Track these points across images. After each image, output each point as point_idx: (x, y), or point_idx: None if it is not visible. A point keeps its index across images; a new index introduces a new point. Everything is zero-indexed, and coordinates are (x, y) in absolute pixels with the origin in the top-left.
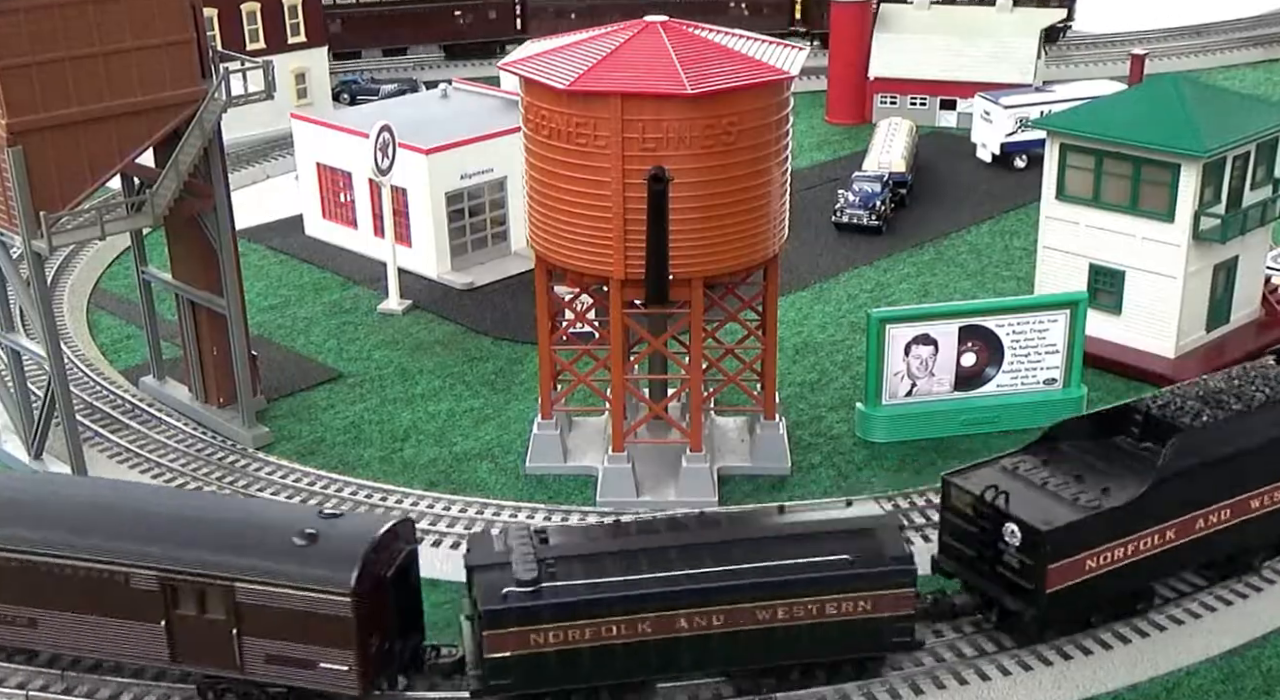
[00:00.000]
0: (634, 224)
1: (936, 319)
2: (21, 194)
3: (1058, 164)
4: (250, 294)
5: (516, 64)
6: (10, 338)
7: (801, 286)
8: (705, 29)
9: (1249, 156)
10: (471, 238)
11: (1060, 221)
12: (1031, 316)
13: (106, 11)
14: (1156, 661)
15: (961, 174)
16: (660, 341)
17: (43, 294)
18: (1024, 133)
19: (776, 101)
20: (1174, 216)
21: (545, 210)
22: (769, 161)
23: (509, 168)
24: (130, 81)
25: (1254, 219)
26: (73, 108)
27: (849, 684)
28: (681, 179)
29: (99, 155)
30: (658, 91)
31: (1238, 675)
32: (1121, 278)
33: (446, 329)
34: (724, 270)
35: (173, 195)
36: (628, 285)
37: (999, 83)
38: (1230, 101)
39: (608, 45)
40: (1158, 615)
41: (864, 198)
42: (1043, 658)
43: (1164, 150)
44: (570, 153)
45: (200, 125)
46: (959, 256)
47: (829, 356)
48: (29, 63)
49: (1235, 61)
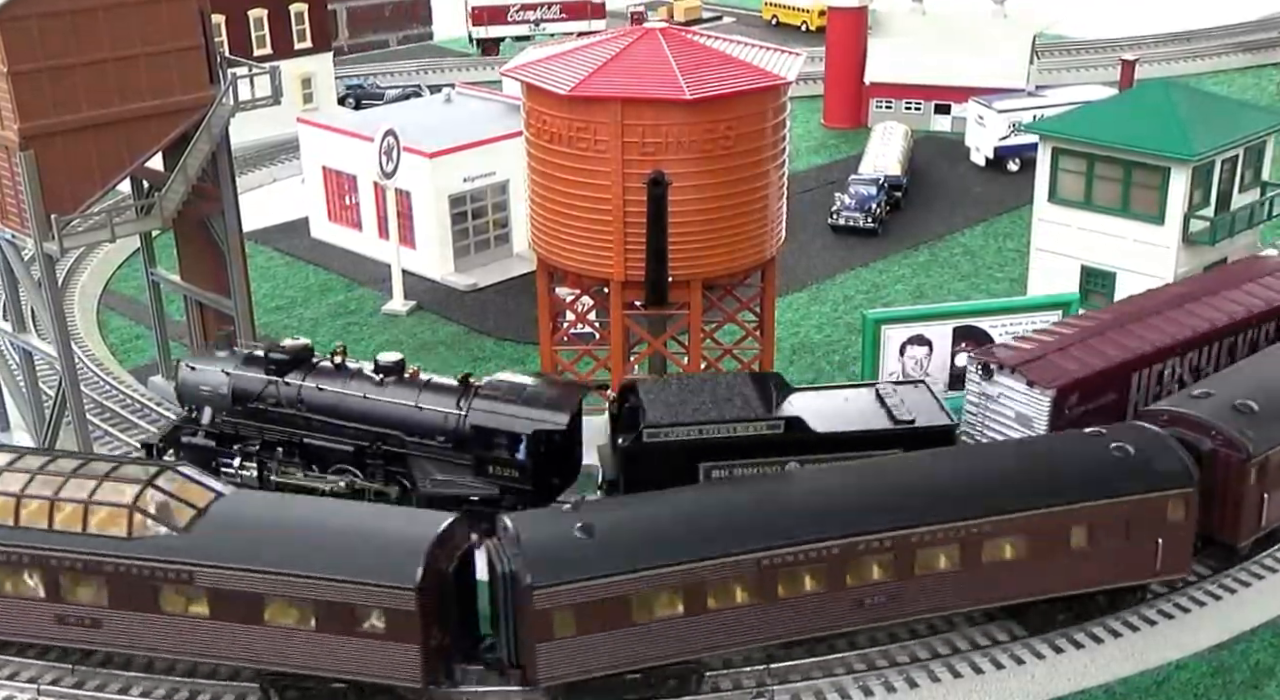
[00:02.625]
0: (634, 227)
1: (931, 320)
2: (33, 197)
3: (1050, 167)
4: (257, 295)
5: (518, 69)
6: (22, 338)
7: (799, 288)
8: (704, 35)
9: (1237, 160)
10: (474, 240)
11: (1052, 224)
12: (1024, 317)
13: (117, 18)
14: (1146, 655)
15: (955, 177)
16: (660, 342)
17: (54, 295)
18: (1017, 137)
19: (774, 106)
20: (1164, 219)
21: (547, 213)
22: (767, 165)
23: (511, 171)
24: (140, 87)
25: (1242, 221)
26: (83, 112)
27: (845, 677)
28: (680, 182)
29: (109, 159)
30: (657, 97)
31: (1227, 669)
32: (1113, 279)
33: (450, 330)
34: (722, 272)
35: (181, 198)
36: (628, 287)
37: (992, 87)
38: (1219, 106)
39: (608, 51)
40: (1148, 609)
41: (860, 200)
42: (1035, 651)
43: (1154, 154)
44: (571, 156)
45: (208, 129)
46: (953, 258)
47: (825, 357)
48: (41, 68)
49: (1224, 67)
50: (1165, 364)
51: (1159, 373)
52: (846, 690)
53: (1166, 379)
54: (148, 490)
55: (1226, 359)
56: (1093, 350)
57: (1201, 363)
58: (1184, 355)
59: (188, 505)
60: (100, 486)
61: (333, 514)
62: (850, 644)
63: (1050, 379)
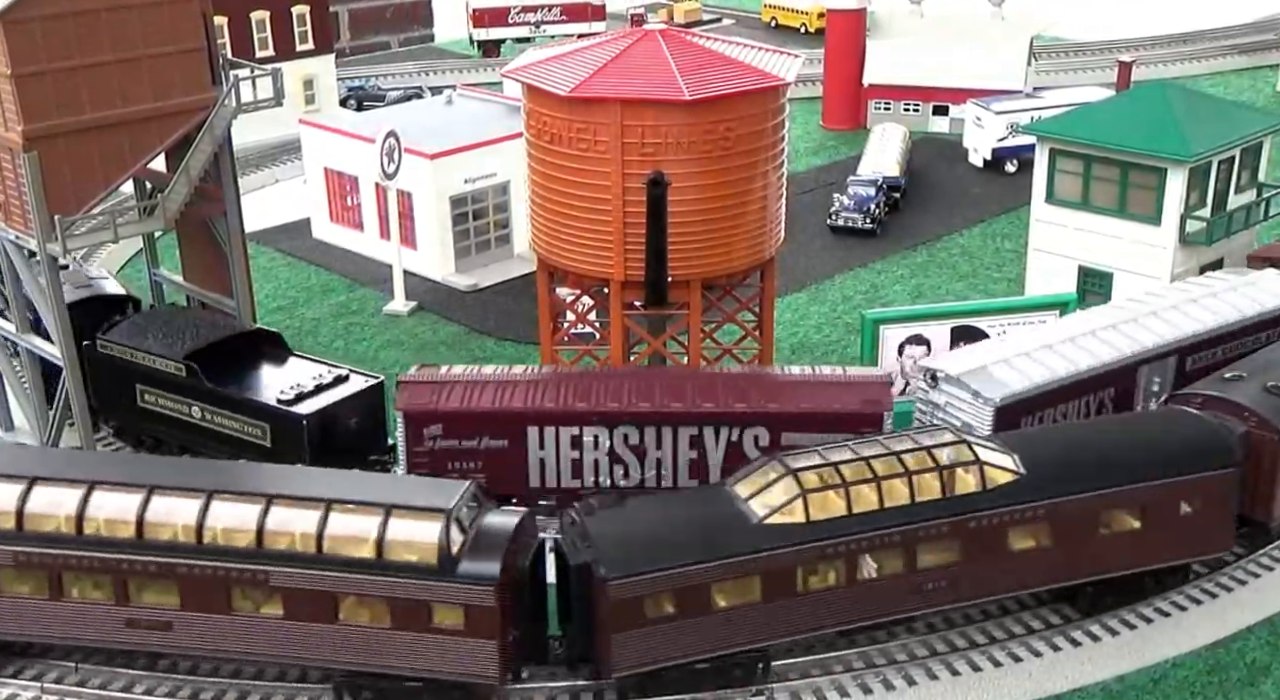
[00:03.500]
0: (634, 227)
1: (929, 320)
2: (36, 198)
3: (1047, 168)
4: (259, 295)
5: (519, 71)
6: (26, 339)
7: (798, 288)
8: (703, 37)
9: (1234, 161)
10: (475, 240)
11: (1050, 224)
12: (1022, 317)
13: (120, 20)
14: (1143, 653)
15: (954, 178)
16: (660, 342)
17: (57, 296)
18: (1015, 138)
19: (773, 107)
20: (1161, 219)
21: (547, 213)
22: (766, 166)
23: (512, 172)
24: (143, 88)
25: (1239, 222)
26: (86, 114)
27: (844, 675)
28: (680, 183)
29: (112, 160)
30: (657, 98)
31: (1223, 667)
32: (1110, 279)
33: (451, 330)
34: (722, 272)
35: (184, 199)
36: (628, 287)
37: (990, 89)
38: (1216, 107)
39: (608, 53)
40: (1145, 608)
41: (859, 201)
42: (1032, 649)
43: (1151, 155)
44: (571, 157)
45: (211, 131)
46: (951, 259)
47: (824, 357)
48: (44, 70)
49: (1220, 68)
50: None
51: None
52: (845, 688)
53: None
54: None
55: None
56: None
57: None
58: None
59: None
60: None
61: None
62: (850, 642)
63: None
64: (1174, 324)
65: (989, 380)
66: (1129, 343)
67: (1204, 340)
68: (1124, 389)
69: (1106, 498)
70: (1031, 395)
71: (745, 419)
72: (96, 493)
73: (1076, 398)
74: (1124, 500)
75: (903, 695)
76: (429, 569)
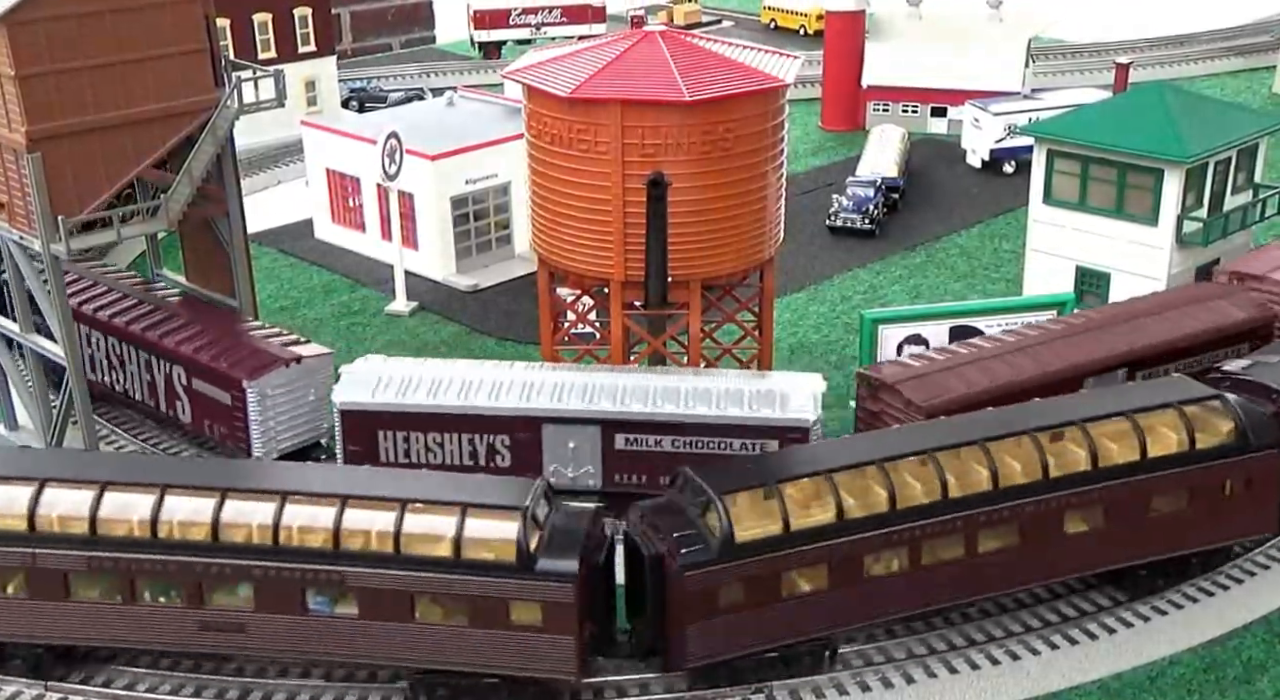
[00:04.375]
0: (634, 227)
1: (928, 320)
2: (40, 199)
3: (1045, 169)
4: (262, 296)
5: (520, 72)
6: (30, 338)
7: (797, 288)
8: (703, 38)
9: (1230, 162)
10: (476, 241)
11: (1048, 225)
12: (1020, 317)
13: (123, 22)
14: (1140, 651)
15: (952, 179)
16: (659, 342)
17: (60, 296)
18: (1012, 139)
19: (772, 108)
20: (1158, 220)
21: (548, 214)
22: (765, 166)
23: (512, 173)
24: (146, 90)
25: (1235, 223)
26: (90, 115)
27: (843, 673)
28: (680, 184)
29: (115, 161)
30: (657, 99)
31: (1219, 665)
32: (1107, 280)
33: (452, 330)
34: (721, 272)
35: (186, 200)
36: (628, 287)
37: (988, 91)
38: (1212, 109)
39: (608, 54)
40: (1141, 606)
41: (857, 202)
42: (1030, 647)
43: (1148, 156)
44: (572, 158)
45: (213, 132)
46: (949, 259)
47: (823, 356)
48: (48, 71)
49: (1217, 70)
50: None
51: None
52: (845, 686)
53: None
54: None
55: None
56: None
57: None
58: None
59: None
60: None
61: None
62: (848, 640)
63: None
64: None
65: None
66: None
67: None
68: None
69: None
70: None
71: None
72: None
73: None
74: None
75: (902, 693)
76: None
